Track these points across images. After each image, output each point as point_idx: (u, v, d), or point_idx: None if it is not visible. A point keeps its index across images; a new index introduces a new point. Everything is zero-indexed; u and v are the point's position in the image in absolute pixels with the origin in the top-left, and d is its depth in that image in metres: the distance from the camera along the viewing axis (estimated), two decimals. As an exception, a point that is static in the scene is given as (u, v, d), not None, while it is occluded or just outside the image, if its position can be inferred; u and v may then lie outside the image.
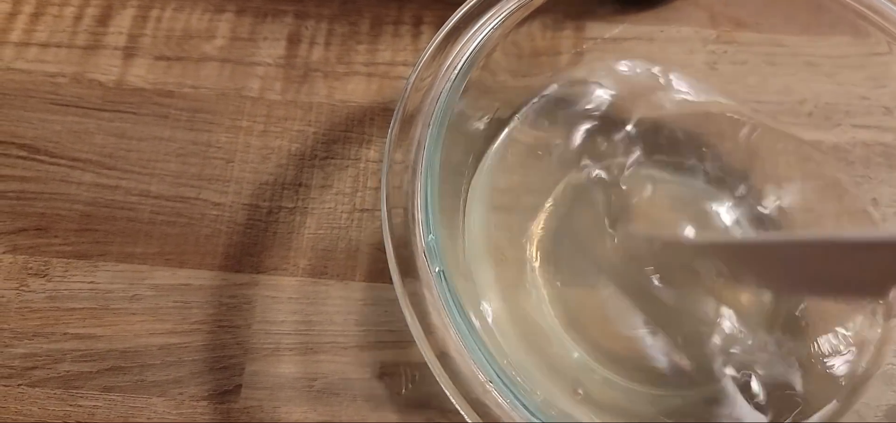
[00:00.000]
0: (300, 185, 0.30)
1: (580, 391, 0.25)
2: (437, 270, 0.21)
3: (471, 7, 0.25)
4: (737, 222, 0.29)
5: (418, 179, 0.22)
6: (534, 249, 0.28)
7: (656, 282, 0.27)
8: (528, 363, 0.25)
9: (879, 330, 0.26)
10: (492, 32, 0.25)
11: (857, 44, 0.28)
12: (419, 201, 0.22)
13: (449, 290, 0.21)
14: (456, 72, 0.24)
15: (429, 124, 0.23)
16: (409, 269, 0.22)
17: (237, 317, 0.27)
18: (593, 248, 0.28)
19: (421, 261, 0.21)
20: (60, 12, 0.33)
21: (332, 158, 0.30)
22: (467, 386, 0.20)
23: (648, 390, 0.26)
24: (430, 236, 0.21)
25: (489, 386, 0.20)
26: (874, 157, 0.30)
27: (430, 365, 0.20)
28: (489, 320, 0.25)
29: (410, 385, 0.27)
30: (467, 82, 0.26)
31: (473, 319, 0.21)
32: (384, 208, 0.22)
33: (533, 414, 0.20)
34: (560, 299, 0.27)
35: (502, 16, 0.25)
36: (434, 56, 0.24)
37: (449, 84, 0.23)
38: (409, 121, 0.23)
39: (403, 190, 0.22)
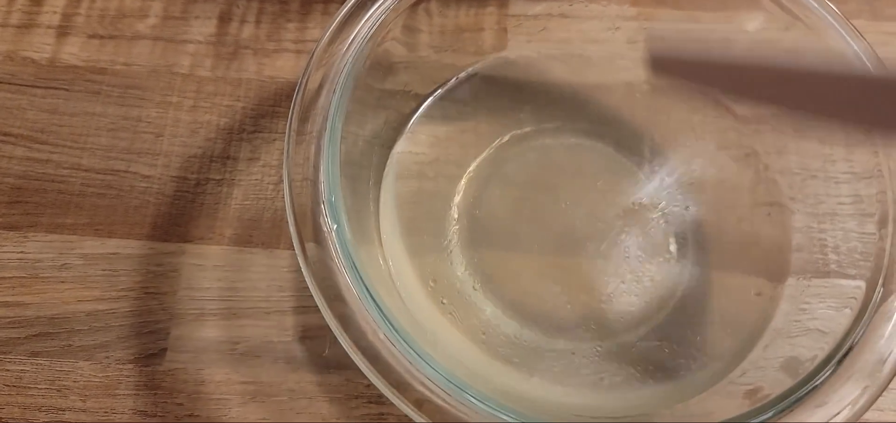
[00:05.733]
0: (228, 158, 0.31)
1: (491, 343, 0.26)
2: (334, 227, 0.22)
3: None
4: (653, 186, 0.30)
5: (322, 144, 0.23)
6: (453, 215, 0.29)
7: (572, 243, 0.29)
8: (439, 322, 0.26)
9: (770, 289, 0.27)
10: (399, 3, 0.26)
11: (771, 20, 0.29)
12: (322, 164, 0.23)
13: (345, 245, 0.22)
14: (361, 41, 0.25)
15: (333, 92, 0.24)
16: (316, 235, 0.23)
17: (163, 284, 0.28)
18: (512, 214, 0.30)
19: (324, 224, 0.22)
20: (-5, -8, 0.34)
21: (260, 131, 0.31)
22: (362, 338, 0.21)
23: (558, 343, 0.27)
24: (331, 195, 0.22)
25: (383, 337, 0.21)
26: (784, 127, 0.31)
27: (324, 316, 0.21)
28: (399, 281, 0.27)
29: (331, 347, 0.28)
30: (382, 53, 0.27)
31: (371, 275, 0.22)
32: (286, 172, 0.23)
33: (424, 361, 0.21)
34: (476, 261, 0.28)
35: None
36: (340, 28, 0.25)
37: (354, 54, 0.24)
38: (315, 92, 0.24)
39: (310, 161, 0.23)
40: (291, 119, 0.23)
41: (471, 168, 0.30)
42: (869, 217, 0.27)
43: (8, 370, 0.27)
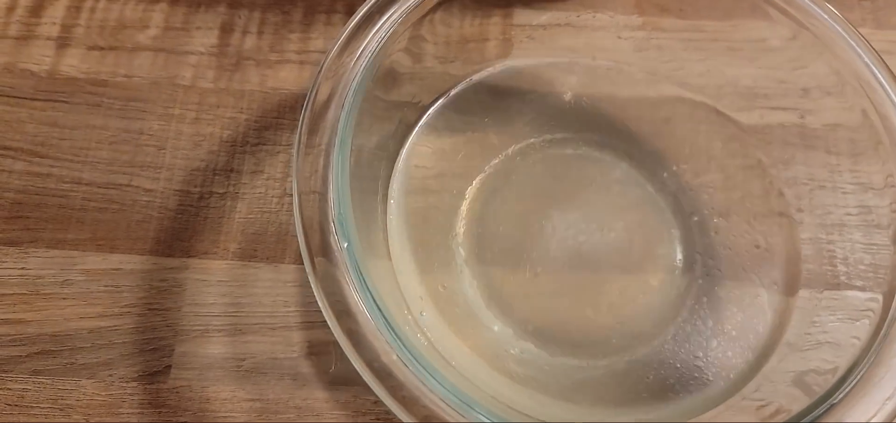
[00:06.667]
0: (231, 170, 0.30)
1: (500, 360, 0.26)
2: (345, 245, 0.22)
3: (389, -7, 0.26)
4: (662, 198, 0.30)
5: (331, 158, 0.23)
6: (460, 229, 0.29)
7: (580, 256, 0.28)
8: (448, 339, 0.26)
9: (782, 302, 0.27)
10: (407, 15, 0.25)
11: (776, 28, 0.29)
12: (331, 180, 0.22)
13: (355, 263, 0.21)
14: (371, 54, 0.24)
15: (342, 105, 0.23)
16: (324, 250, 0.22)
17: (167, 300, 0.28)
18: (519, 227, 0.29)
19: (334, 240, 0.22)
20: (-6, 4, 0.33)
21: (264, 144, 0.31)
22: (371, 354, 0.21)
23: (567, 360, 0.27)
24: (340, 212, 0.22)
25: (395, 357, 0.21)
26: (791, 137, 0.31)
27: (334, 333, 0.21)
28: (411, 299, 0.26)
29: (338, 363, 0.27)
30: (389, 65, 0.26)
31: (380, 290, 0.22)
32: (295, 185, 0.22)
33: (440, 383, 0.21)
34: (484, 277, 0.28)
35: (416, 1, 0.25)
36: (348, 40, 0.24)
37: (363, 66, 0.24)
38: (324, 105, 0.24)
39: (318, 174, 0.23)
40: (300, 132, 0.23)
41: (476, 181, 0.30)
42: (877, 228, 0.26)
43: (9, 389, 0.26)
